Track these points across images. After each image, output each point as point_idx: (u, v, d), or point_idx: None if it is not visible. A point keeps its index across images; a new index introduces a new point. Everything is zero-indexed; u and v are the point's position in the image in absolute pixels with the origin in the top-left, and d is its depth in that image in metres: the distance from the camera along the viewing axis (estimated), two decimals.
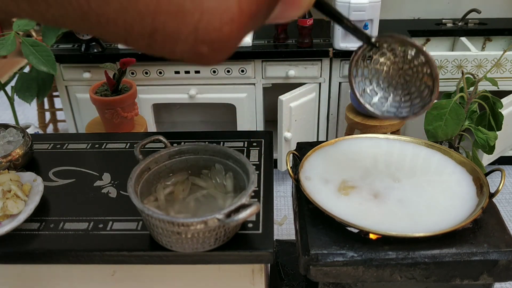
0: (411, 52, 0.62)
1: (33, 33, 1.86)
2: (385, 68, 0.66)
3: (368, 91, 0.67)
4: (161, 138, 0.77)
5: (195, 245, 0.65)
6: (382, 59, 0.65)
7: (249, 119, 1.80)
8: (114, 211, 0.76)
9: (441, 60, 1.67)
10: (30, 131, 1.84)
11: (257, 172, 0.84)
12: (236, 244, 0.69)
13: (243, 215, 0.59)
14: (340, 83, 1.73)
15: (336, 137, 1.52)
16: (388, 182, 0.78)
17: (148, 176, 0.74)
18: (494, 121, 1.51)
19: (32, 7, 0.19)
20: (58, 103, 2.00)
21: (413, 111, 0.65)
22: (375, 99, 0.67)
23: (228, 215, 0.60)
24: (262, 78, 1.71)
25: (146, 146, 0.89)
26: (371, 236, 0.70)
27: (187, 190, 0.75)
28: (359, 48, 0.62)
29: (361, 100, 0.67)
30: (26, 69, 1.86)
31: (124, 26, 0.19)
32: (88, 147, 0.95)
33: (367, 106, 0.68)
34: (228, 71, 1.69)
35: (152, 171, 0.75)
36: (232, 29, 0.21)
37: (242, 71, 1.69)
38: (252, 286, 0.76)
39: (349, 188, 0.77)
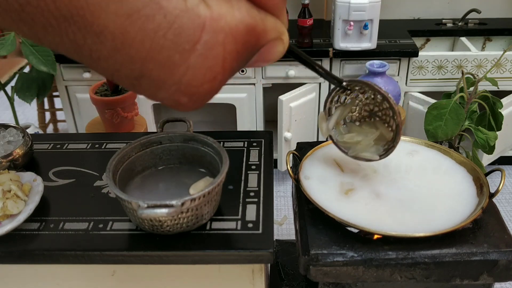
0: (379, 96, 0.65)
1: None
2: (357, 108, 0.71)
3: (341, 129, 0.73)
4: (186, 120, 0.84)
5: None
6: (354, 100, 0.70)
7: (249, 119, 1.80)
8: (114, 211, 0.76)
9: (441, 60, 1.67)
10: (30, 131, 1.84)
11: (257, 172, 0.84)
12: (236, 244, 0.69)
13: (159, 211, 0.60)
14: None
15: None
16: (388, 182, 0.78)
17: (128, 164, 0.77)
18: (494, 121, 1.51)
19: (31, 31, 0.20)
20: (58, 103, 2.00)
21: (378, 153, 0.69)
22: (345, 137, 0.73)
23: (152, 206, 0.60)
24: (262, 78, 1.71)
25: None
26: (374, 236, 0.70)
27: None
28: (333, 90, 0.67)
29: (333, 137, 0.74)
30: (26, 69, 1.86)
31: (113, 66, 0.21)
32: (88, 147, 0.95)
33: (339, 144, 0.74)
34: None
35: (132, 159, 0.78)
36: (212, 86, 0.22)
37: (242, 71, 1.69)
38: (252, 286, 0.76)
39: (349, 188, 0.77)
